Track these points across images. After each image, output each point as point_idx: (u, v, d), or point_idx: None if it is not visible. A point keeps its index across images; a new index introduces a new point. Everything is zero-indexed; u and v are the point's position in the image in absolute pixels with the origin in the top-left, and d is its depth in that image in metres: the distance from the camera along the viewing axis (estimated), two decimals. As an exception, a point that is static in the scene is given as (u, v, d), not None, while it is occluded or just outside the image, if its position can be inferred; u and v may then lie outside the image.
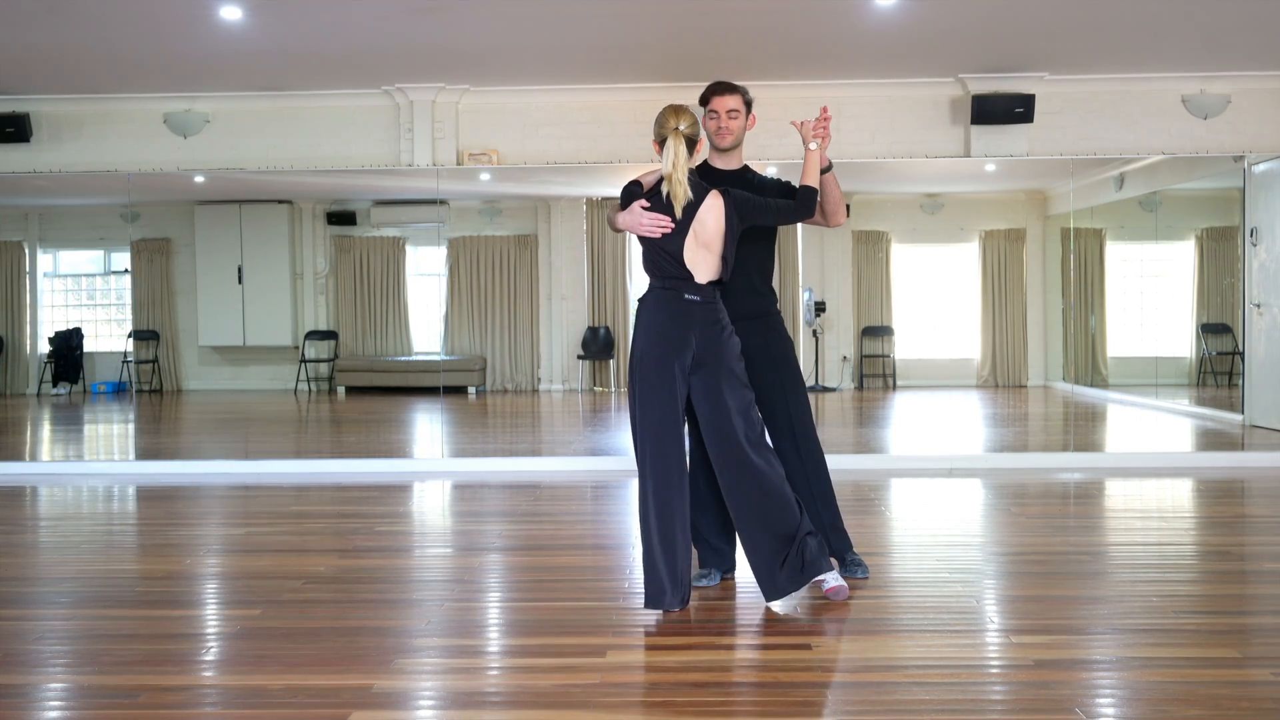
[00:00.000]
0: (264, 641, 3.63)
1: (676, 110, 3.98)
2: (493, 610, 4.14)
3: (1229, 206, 9.74)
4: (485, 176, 10.08)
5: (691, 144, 3.95)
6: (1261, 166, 8.69)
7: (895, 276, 12.54)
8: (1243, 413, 8.87)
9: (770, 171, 9.47)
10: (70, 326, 13.11)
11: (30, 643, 3.69)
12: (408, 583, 4.53)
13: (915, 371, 12.35)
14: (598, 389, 12.94)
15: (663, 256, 3.94)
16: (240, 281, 13.06)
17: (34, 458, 8.71)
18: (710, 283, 3.93)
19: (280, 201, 13.10)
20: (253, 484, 7.02)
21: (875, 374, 11.93)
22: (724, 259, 3.93)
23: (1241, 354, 9.09)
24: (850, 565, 4.34)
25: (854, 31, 7.74)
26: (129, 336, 12.79)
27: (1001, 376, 12.21)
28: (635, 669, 3.34)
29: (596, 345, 12.90)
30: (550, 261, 13.19)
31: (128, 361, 12.60)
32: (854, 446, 8.57)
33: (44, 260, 13.45)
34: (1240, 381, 9.17)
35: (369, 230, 13.36)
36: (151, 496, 6.73)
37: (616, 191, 12.78)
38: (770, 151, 9.04)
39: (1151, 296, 11.37)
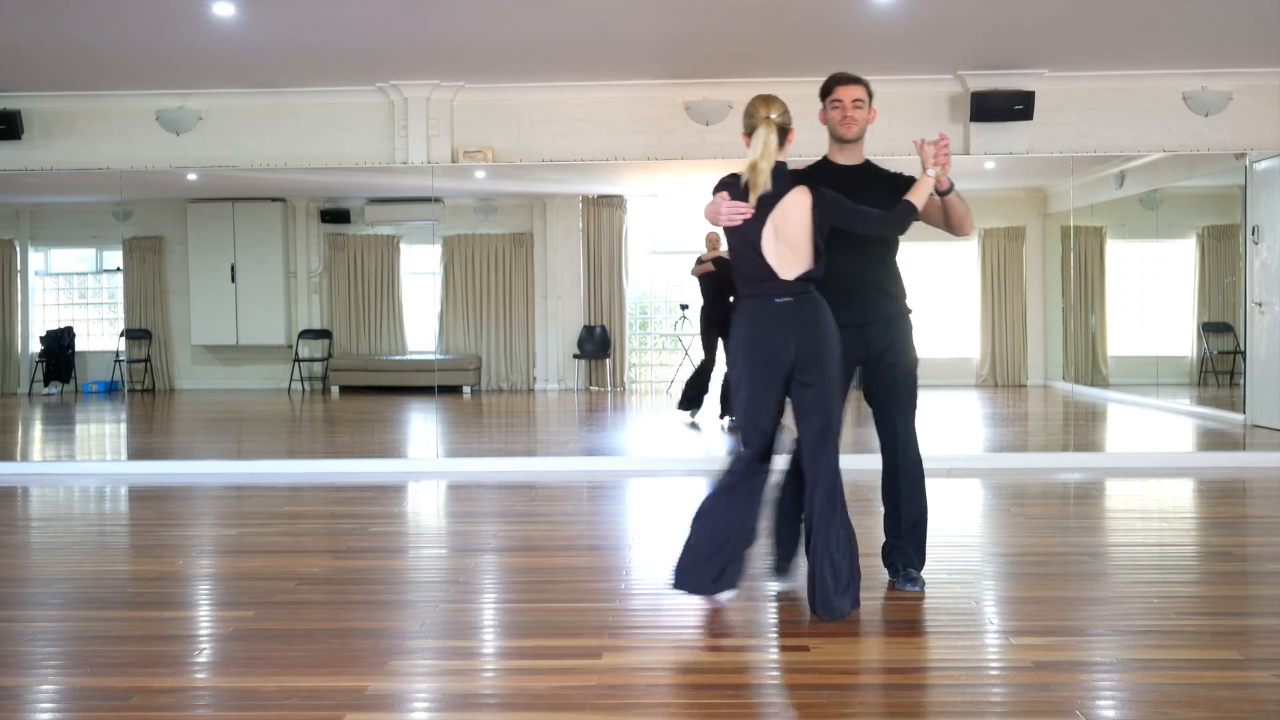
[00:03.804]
0: (257, 643, 3.60)
1: (767, 99, 3.86)
2: (488, 611, 4.11)
3: (1230, 204, 9.71)
4: (480, 174, 10.05)
5: (783, 133, 3.83)
6: (1263, 164, 8.67)
7: (892, 276, 12.48)
8: (1244, 412, 8.85)
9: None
10: (62, 325, 13.05)
11: (22, 644, 3.66)
12: (402, 584, 4.49)
13: (913, 370, 12.30)
14: (594, 388, 12.91)
15: (745, 252, 3.84)
16: (233, 280, 13.02)
17: (25, 458, 8.66)
18: (800, 278, 3.80)
19: (274, 199, 13.06)
20: (246, 484, 6.98)
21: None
22: (813, 257, 3.80)
23: (1243, 353, 9.06)
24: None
25: (853, 28, 7.71)
26: (121, 335, 12.75)
27: (1001, 376, 12.19)
28: (631, 671, 3.31)
29: (593, 344, 12.87)
30: (546, 260, 13.16)
31: (120, 361, 12.55)
32: (853, 446, 8.52)
33: (35, 259, 13.41)
34: (1241, 381, 9.15)
35: (363, 228, 13.32)
36: (144, 497, 6.69)
37: (612, 189, 12.81)
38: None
39: (1152, 295, 11.35)
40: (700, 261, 9.56)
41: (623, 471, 7.24)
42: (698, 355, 12.56)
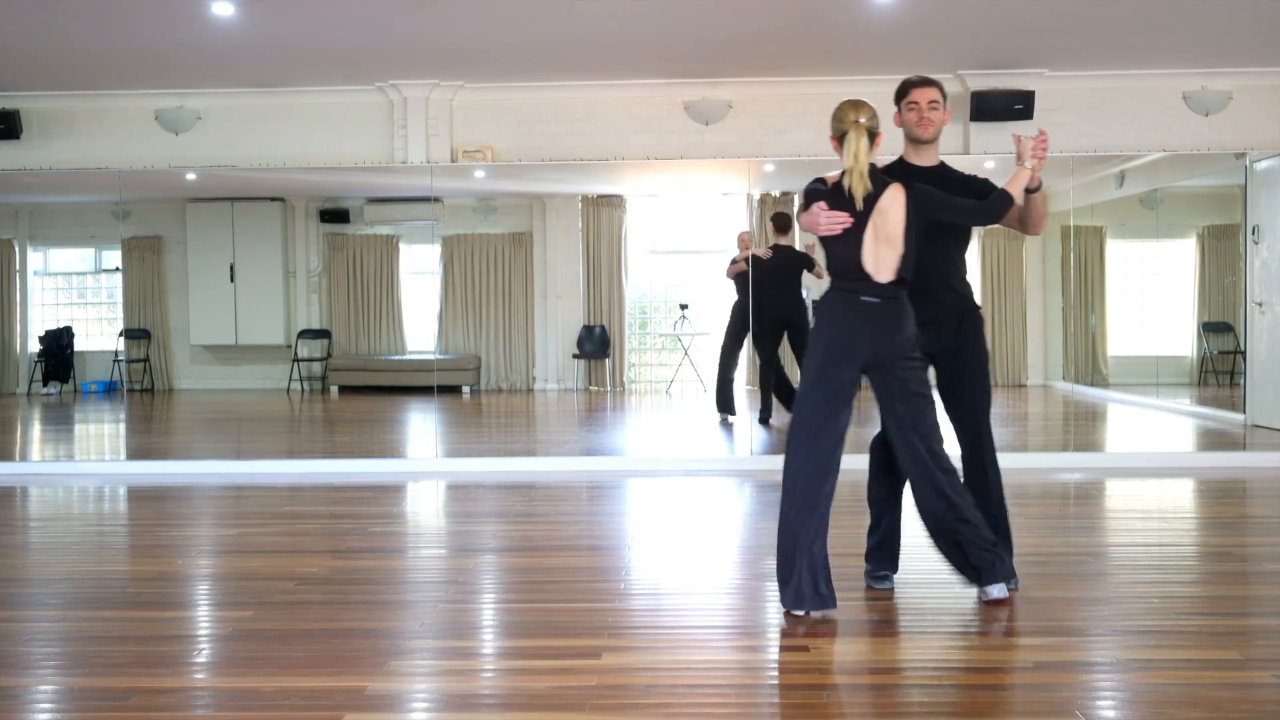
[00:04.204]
0: (256, 643, 3.59)
1: (855, 104, 3.90)
2: (487, 612, 4.10)
3: (1230, 204, 9.70)
4: (480, 174, 10.04)
5: (872, 137, 3.88)
6: (1263, 164, 8.66)
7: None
8: (1244, 412, 8.83)
9: (768, 168, 9.47)
10: (61, 325, 13.04)
11: (20, 644, 3.66)
12: (401, 584, 4.48)
13: (913, 370, 12.26)
14: (593, 388, 12.90)
15: (843, 254, 3.87)
16: (232, 280, 13.01)
17: (24, 458, 8.65)
18: (892, 282, 3.84)
19: (273, 199, 13.04)
20: (245, 484, 6.97)
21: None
22: (906, 255, 3.84)
23: (1243, 353, 9.05)
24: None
25: (852, 28, 7.71)
26: (120, 335, 12.74)
27: (1001, 376, 12.17)
28: (631, 671, 3.30)
29: (592, 344, 12.86)
30: (545, 259, 13.14)
31: (119, 360, 12.54)
32: (852, 446, 8.51)
33: (34, 258, 13.40)
34: (1242, 381, 9.14)
35: (362, 228, 13.30)
36: (143, 497, 6.68)
37: (612, 189, 12.81)
38: (767, 148, 9.01)
39: (1152, 295, 11.33)
40: (734, 262, 9.47)
41: (622, 471, 7.23)
42: (696, 355, 12.58)
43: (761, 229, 11.48)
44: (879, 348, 3.83)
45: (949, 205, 3.92)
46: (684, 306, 12.62)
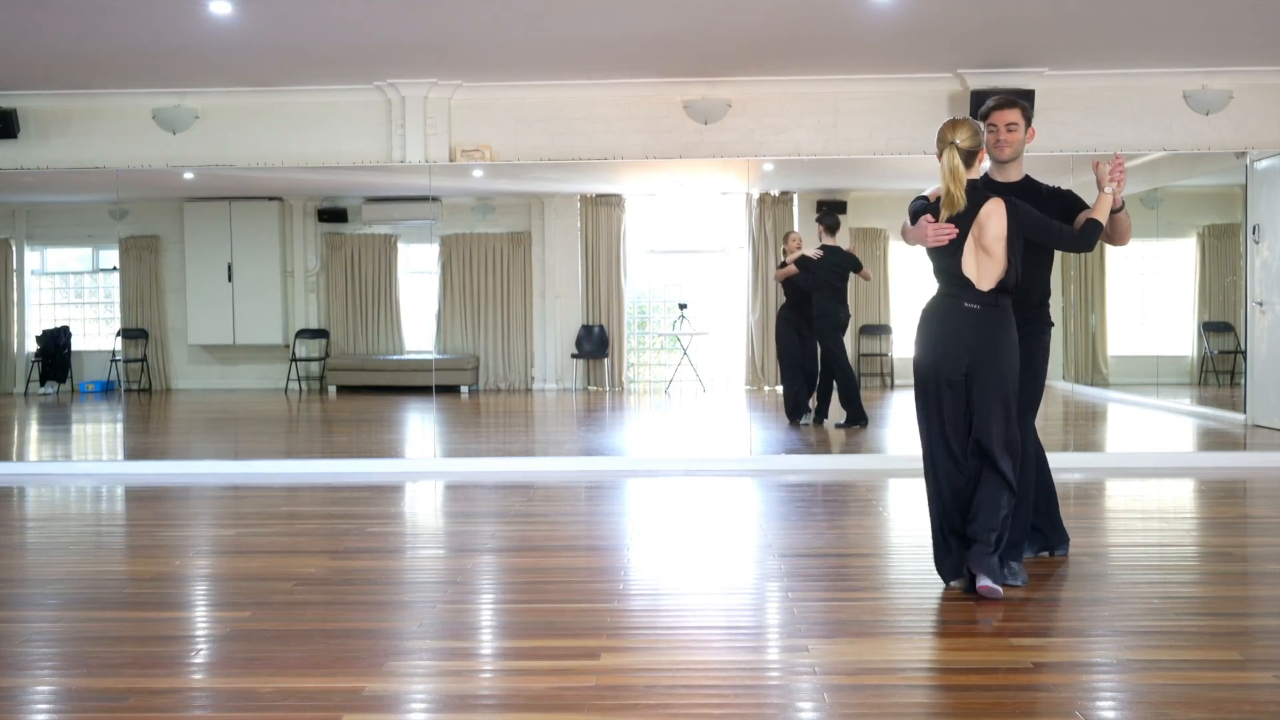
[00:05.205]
0: (254, 644, 3.58)
1: (954, 124, 4.07)
2: (486, 612, 4.10)
3: (1231, 203, 9.69)
4: (478, 173, 10.02)
5: (971, 156, 4.03)
6: (1264, 163, 8.65)
7: (893, 275, 12.47)
8: (1244, 412, 8.84)
9: (767, 168, 9.46)
10: (58, 325, 13.03)
11: (18, 645, 3.65)
12: (400, 584, 4.48)
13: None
14: (592, 388, 12.89)
15: (947, 263, 4.07)
16: (230, 279, 13.00)
17: (21, 458, 8.64)
18: (994, 290, 4.03)
19: (270, 198, 13.03)
20: (243, 484, 6.96)
21: (873, 373, 11.88)
22: (1009, 267, 4.02)
23: (1243, 353, 9.05)
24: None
25: (852, 27, 7.70)
26: (117, 335, 12.72)
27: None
28: (630, 671, 3.29)
29: (591, 344, 12.84)
30: (544, 259, 13.13)
31: (116, 360, 12.53)
32: (852, 446, 8.53)
33: (31, 258, 13.39)
34: (1242, 380, 9.13)
35: (360, 227, 13.29)
36: (140, 497, 6.67)
37: (611, 188, 12.78)
38: (766, 147, 8.99)
39: (1152, 295, 11.32)
40: (782, 265, 9.39)
41: (621, 471, 7.23)
42: (695, 355, 12.56)
43: (762, 228, 11.47)
44: (976, 354, 4.01)
45: (1045, 228, 4.10)
46: (683, 306, 12.61)
